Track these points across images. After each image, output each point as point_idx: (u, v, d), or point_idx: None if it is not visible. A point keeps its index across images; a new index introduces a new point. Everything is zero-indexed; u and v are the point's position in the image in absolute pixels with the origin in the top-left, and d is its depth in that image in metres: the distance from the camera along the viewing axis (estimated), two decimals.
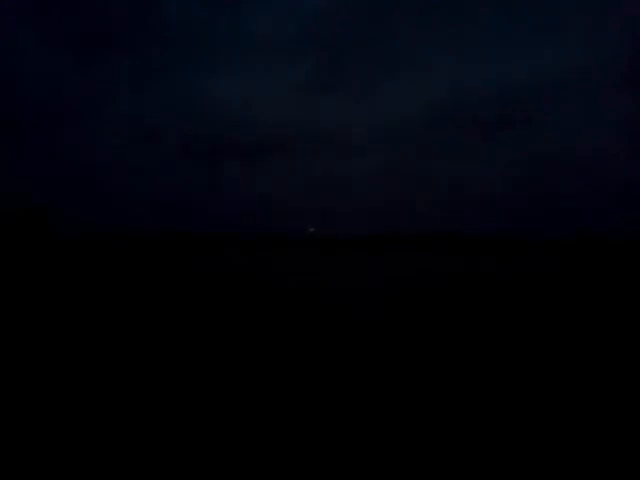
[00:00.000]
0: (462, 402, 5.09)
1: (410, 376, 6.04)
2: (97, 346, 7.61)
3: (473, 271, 25.73)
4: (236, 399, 5.19)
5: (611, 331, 8.90)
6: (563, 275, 22.63)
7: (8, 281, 18.77)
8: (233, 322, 9.83)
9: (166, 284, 18.26)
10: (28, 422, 4.57)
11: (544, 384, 5.72)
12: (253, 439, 4.21)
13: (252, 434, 4.31)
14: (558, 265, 30.32)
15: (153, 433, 4.33)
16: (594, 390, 5.51)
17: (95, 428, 4.43)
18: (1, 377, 5.96)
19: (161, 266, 29.75)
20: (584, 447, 4.05)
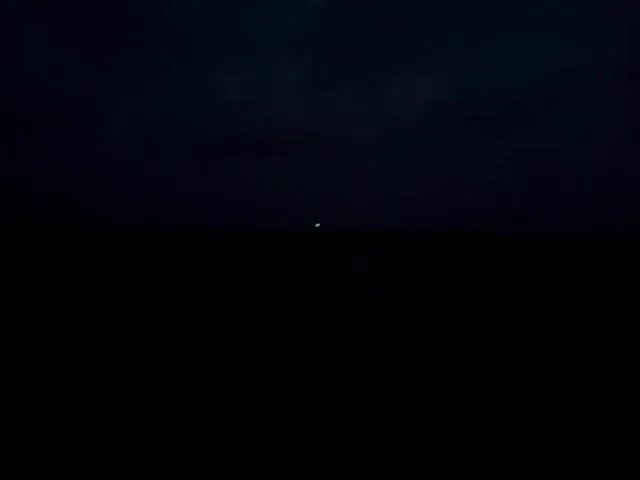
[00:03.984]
0: (465, 401, 5.19)
1: (416, 375, 6.12)
2: (105, 343, 7.72)
3: (474, 270, 25.88)
4: (241, 399, 5.26)
5: (610, 330, 8.96)
6: (563, 274, 22.78)
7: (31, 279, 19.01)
8: (242, 320, 9.94)
9: (176, 283, 18.45)
10: (29, 413, 4.63)
11: (544, 382, 5.79)
12: (255, 438, 4.27)
13: (256, 432, 4.37)
14: (558, 264, 30.42)
15: (153, 432, 4.39)
16: (595, 390, 5.57)
17: (95, 424, 4.49)
18: (6, 371, 6.12)
19: (170, 265, 29.95)
20: (584, 447, 4.12)
